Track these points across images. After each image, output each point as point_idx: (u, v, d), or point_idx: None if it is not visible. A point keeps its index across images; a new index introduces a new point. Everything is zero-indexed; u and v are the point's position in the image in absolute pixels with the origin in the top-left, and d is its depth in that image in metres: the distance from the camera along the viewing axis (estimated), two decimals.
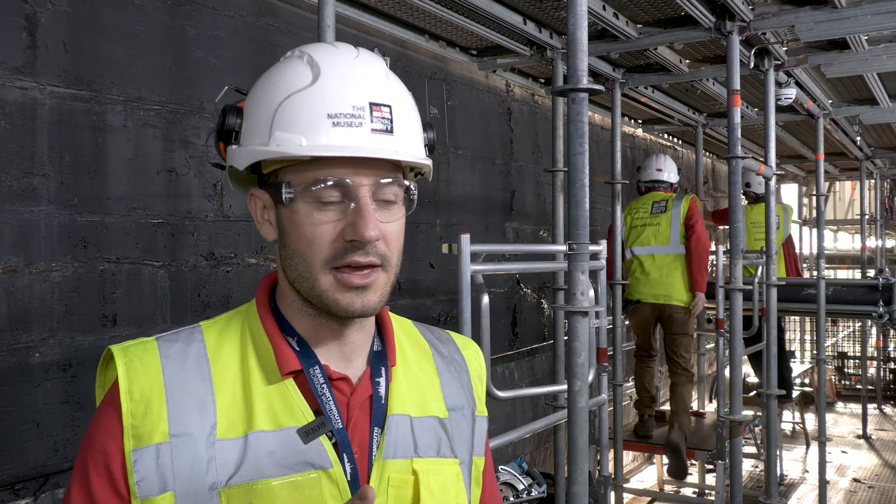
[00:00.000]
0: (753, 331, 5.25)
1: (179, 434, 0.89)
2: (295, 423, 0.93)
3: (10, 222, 2.23)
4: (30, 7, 2.27)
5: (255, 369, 0.95)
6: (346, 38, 3.42)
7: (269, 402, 0.93)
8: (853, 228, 12.96)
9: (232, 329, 0.99)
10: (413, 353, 1.09)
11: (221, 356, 0.96)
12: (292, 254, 0.95)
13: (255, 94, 0.97)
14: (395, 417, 0.99)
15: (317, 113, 0.91)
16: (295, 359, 0.96)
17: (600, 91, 1.94)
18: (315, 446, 0.92)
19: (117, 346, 0.95)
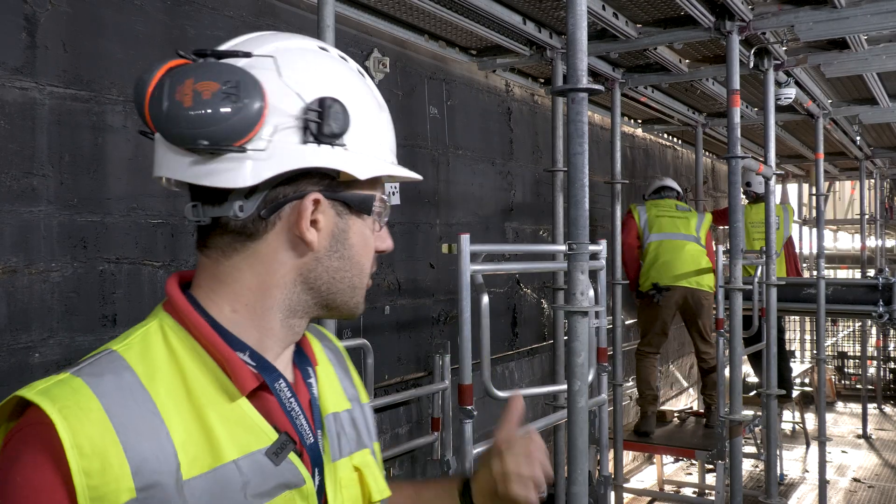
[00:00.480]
0: (753, 331, 5.25)
1: (148, 486, 0.77)
2: (260, 445, 0.85)
3: (10, 222, 2.23)
4: (29, 7, 2.27)
5: (202, 392, 0.85)
6: (346, 37, 3.42)
7: (229, 426, 0.84)
8: (853, 228, 12.96)
9: (155, 349, 0.86)
10: (316, 348, 1.06)
11: (158, 383, 0.83)
12: (351, 265, 0.94)
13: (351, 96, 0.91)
14: (330, 417, 0.97)
15: (390, 138, 0.98)
16: (253, 375, 0.88)
17: (600, 91, 1.94)
18: (287, 465, 0.87)
19: (32, 391, 0.78)
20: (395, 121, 1.02)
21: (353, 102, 0.90)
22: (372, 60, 3.57)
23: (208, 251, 0.91)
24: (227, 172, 0.85)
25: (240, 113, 0.82)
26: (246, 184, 0.85)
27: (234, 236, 0.89)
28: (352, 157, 0.89)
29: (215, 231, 0.90)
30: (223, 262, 0.91)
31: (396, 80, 3.74)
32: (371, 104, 0.94)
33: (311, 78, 0.89)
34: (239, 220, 0.88)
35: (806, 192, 10.55)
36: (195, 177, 0.86)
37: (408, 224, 3.86)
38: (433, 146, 4.03)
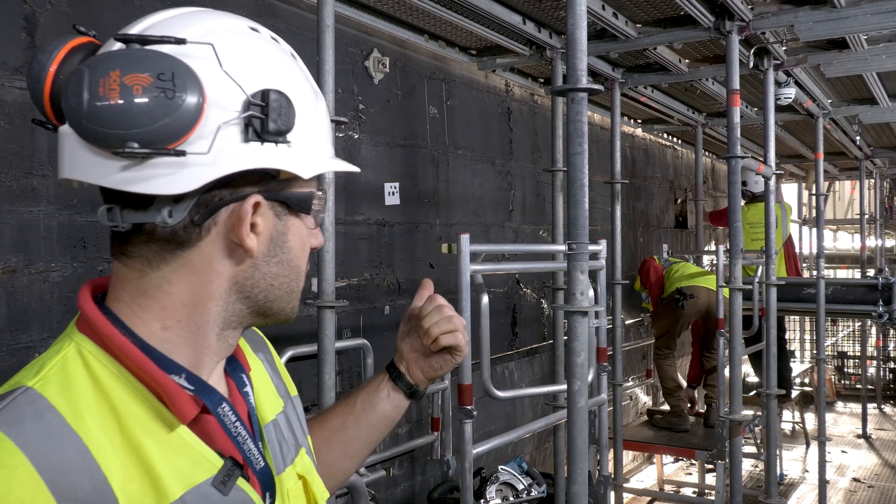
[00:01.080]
0: (753, 331, 5.26)
1: None
2: (205, 475, 0.77)
3: (10, 222, 2.23)
4: (29, 7, 2.27)
5: (137, 423, 0.75)
6: (346, 37, 3.42)
7: (170, 459, 0.76)
8: (853, 228, 12.96)
9: (77, 381, 0.75)
10: (244, 347, 0.97)
11: (87, 421, 0.73)
12: (290, 270, 0.86)
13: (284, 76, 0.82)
14: (269, 426, 0.91)
15: (328, 128, 0.90)
16: (192, 401, 0.79)
17: (600, 91, 1.94)
18: (236, 494, 0.80)
19: None
20: (396, 121, 1.02)
21: (294, 92, 0.81)
22: (372, 60, 3.57)
23: (129, 261, 0.81)
24: (160, 178, 0.74)
25: (177, 111, 0.72)
26: (182, 190, 0.75)
27: (162, 244, 0.79)
28: (295, 155, 0.81)
29: (137, 238, 0.80)
30: (150, 274, 0.80)
31: (396, 80, 3.74)
32: (308, 92, 0.85)
33: (251, 67, 0.79)
34: (167, 228, 0.78)
35: (806, 192, 10.54)
36: (120, 183, 0.75)
37: (408, 224, 3.86)
38: (433, 146, 4.03)
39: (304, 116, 0.83)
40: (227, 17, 0.83)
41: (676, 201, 7.53)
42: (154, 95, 0.71)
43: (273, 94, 0.78)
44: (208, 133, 0.75)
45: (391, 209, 3.71)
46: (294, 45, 0.90)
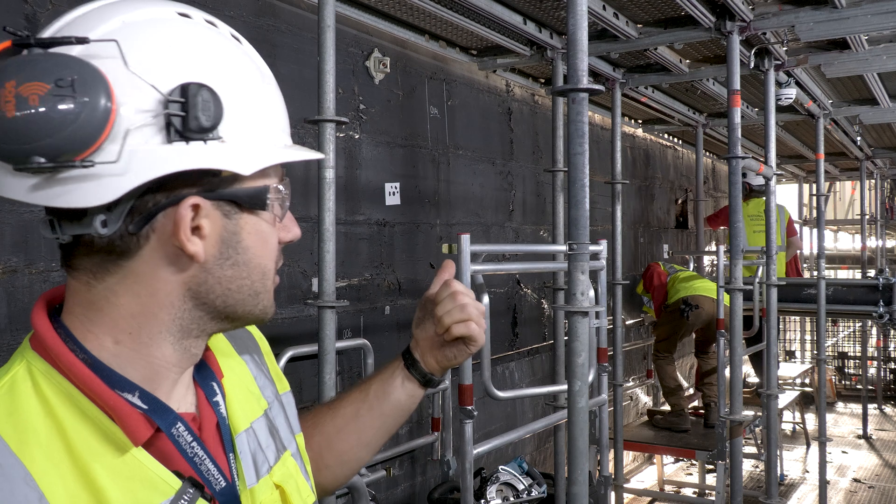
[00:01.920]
0: (754, 331, 5.26)
1: None
2: (163, 497, 0.73)
3: (10, 222, 2.23)
4: (30, 7, 2.27)
5: (86, 447, 0.71)
6: (346, 37, 3.42)
7: (122, 483, 0.72)
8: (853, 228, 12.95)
9: (24, 402, 0.72)
10: (220, 349, 0.93)
11: (32, 446, 0.69)
12: (250, 270, 0.80)
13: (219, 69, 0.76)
14: (242, 436, 0.86)
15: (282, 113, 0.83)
16: (145, 421, 0.75)
17: (600, 91, 1.94)
18: None
19: None
20: (396, 121, 1.00)
21: (228, 81, 0.75)
22: (372, 60, 3.57)
23: (77, 273, 0.78)
24: (76, 192, 0.69)
25: (78, 119, 0.65)
26: (102, 202, 0.69)
27: (104, 256, 0.75)
28: (231, 151, 0.74)
29: (79, 250, 0.76)
30: (95, 286, 0.77)
31: (397, 80, 3.74)
32: (251, 78, 0.79)
33: (168, 60, 0.72)
34: (104, 238, 0.73)
35: (806, 193, 10.54)
36: (39, 199, 0.70)
37: (408, 224, 3.86)
38: (433, 146, 4.03)
39: (242, 105, 0.76)
40: (147, 6, 0.75)
41: (677, 202, 7.53)
42: (53, 105, 0.65)
43: (193, 88, 0.71)
44: (119, 138, 0.69)
45: (392, 209, 3.71)
46: (294, 45, 0.90)
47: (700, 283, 5.50)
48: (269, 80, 0.82)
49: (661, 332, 5.62)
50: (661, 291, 5.76)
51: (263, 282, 0.82)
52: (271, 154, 0.78)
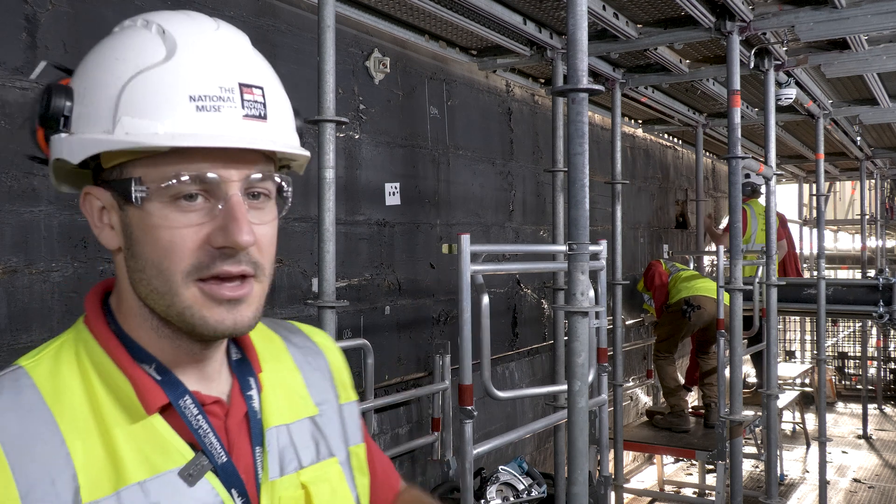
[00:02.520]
0: (754, 331, 5.26)
1: None
2: (173, 464, 0.79)
3: (10, 222, 2.23)
4: (30, 7, 2.27)
5: (110, 410, 0.79)
6: (346, 37, 3.42)
7: (138, 445, 0.78)
8: (853, 228, 12.95)
9: (65, 364, 0.81)
10: (270, 351, 0.96)
11: (63, 401, 0.78)
12: (145, 265, 0.79)
13: (90, 71, 0.81)
14: (273, 431, 0.89)
15: (176, 94, 0.76)
16: (160, 391, 0.81)
17: (600, 91, 1.94)
18: (203, 487, 0.79)
19: None
20: (396, 121, 0.99)
21: (96, 71, 0.80)
22: (372, 60, 3.57)
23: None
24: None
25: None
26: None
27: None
28: (72, 142, 0.78)
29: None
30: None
31: (397, 80, 3.74)
32: (131, 64, 0.78)
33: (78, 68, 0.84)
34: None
35: (806, 193, 10.55)
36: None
37: (408, 224, 3.86)
38: (433, 146, 4.03)
39: (96, 96, 0.79)
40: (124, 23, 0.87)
41: (677, 202, 7.53)
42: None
43: (51, 86, 0.81)
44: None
45: (392, 209, 3.71)
46: (294, 45, 0.90)
47: (702, 283, 5.50)
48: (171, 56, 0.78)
49: (662, 332, 5.62)
50: (663, 291, 5.75)
51: (163, 281, 0.78)
52: (105, 140, 0.77)
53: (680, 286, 5.55)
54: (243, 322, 0.81)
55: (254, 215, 0.81)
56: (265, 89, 0.81)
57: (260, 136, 0.79)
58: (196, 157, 0.77)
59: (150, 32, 0.80)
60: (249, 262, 0.80)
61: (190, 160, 0.77)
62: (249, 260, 0.80)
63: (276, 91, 0.83)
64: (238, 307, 0.80)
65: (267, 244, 0.83)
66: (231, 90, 0.78)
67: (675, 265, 5.93)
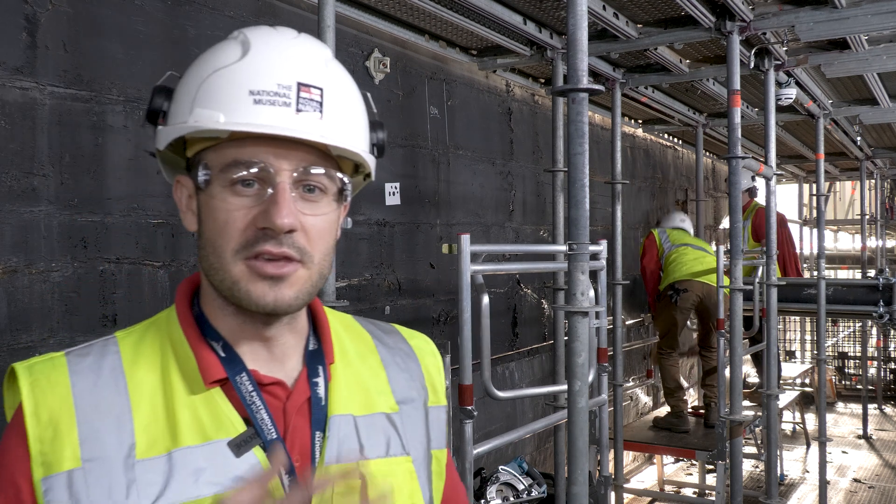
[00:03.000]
0: (754, 331, 5.26)
1: (93, 458, 0.81)
2: (224, 435, 0.85)
3: (10, 222, 2.23)
4: (30, 7, 2.27)
5: (177, 380, 0.88)
6: (346, 37, 3.42)
7: (195, 414, 0.86)
8: (853, 228, 12.95)
9: (150, 338, 0.91)
10: (354, 347, 1.02)
11: (138, 368, 0.88)
12: (206, 243, 0.88)
13: (186, 74, 0.91)
14: (336, 419, 0.93)
15: (239, 89, 0.85)
16: (219, 365, 0.89)
17: (600, 91, 1.94)
18: (248, 459, 0.85)
19: (22, 363, 0.86)
20: (396, 121, 1.00)
21: (188, 73, 0.90)
22: (372, 60, 3.57)
23: None
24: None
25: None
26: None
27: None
28: (162, 132, 0.89)
29: None
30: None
31: (397, 80, 3.74)
32: (211, 64, 0.88)
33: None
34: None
35: (806, 193, 10.55)
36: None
37: (408, 224, 3.86)
38: (433, 146, 4.03)
39: (183, 92, 0.88)
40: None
41: (677, 202, 7.53)
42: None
43: (157, 87, 0.91)
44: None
45: (392, 209, 3.71)
46: None
47: (691, 265, 5.34)
48: (246, 54, 0.87)
49: (660, 326, 5.53)
50: (653, 277, 5.58)
51: (217, 257, 0.87)
52: (180, 127, 0.87)
53: (669, 270, 5.41)
54: (283, 300, 0.87)
55: (305, 206, 0.88)
56: (325, 91, 0.87)
57: (309, 130, 0.85)
58: (254, 146, 0.85)
59: (235, 41, 0.90)
60: (293, 245, 0.86)
61: (249, 148, 0.85)
62: (293, 244, 0.86)
63: (340, 96, 0.89)
64: (279, 285, 0.86)
65: (317, 235, 0.89)
66: (288, 87, 0.85)
67: (678, 237, 5.63)
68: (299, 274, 0.87)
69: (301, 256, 0.87)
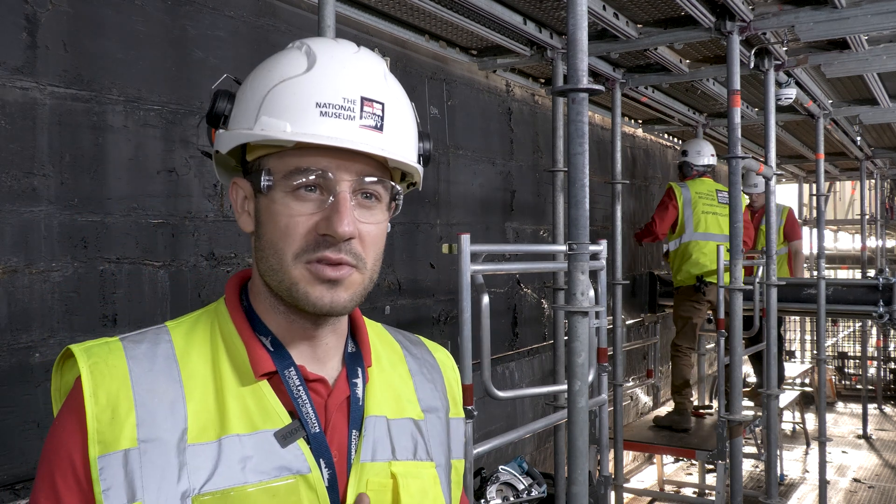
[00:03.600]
0: (754, 331, 5.25)
1: (149, 439, 0.84)
2: (271, 426, 0.89)
3: (10, 222, 2.23)
4: (30, 7, 2.27)
5: (227, 371, 0.92)
6: (346, 37, 3.40)
7: (244, 404, 0.90)
8: (853, 228, 12.96)
9: (200, 329, 0.95)
10: (386, 354, 1.06)
11: (191, 357, 0.92)
12: (265, 245, 0.92)
13: (249, 80, 0.95)
14: (372, 419, 0.97)
15: (306, 100, 0.88)
16: (269, 359, 0.93)
17: (600, 91, 1.94)
18: (293, 450, 0.89)
19: (78, 345, 0.90)
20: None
21: (252, 80, 0.93)
22: None
23: None
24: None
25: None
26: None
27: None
28: (225, 136, 0.93)
29: None
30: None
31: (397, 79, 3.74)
32: (265, 78, 0.92)
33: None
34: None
35: (806, 193, 10.55)
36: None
37: (408, 224, 3.86)
38: (434, 146, 4.02)
39: (251, 97, 0.92)
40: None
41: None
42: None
43: (219, 91, 0.94)
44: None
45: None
46: None
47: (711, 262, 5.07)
48: (311, 68, 0.91)
49: (678, 320, 5.30)
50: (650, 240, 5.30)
51: (277, 259, 0.91)
52: (244, 134, 0.91)
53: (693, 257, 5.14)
54: (339, 302, 0.91)
55: (362, 214, 0.92)
56: (386, 105, 0.92)
57: (372, 143, 0.89)
58: (317, 155, 0.89)
59: (299, 52, 0.93)
60: (350, 252, 0.90)
61: (312, 157, 0.89)
62: (350, 250, 0.90)
63: (398, 110, 0.94)
64: (336, 288, 0.91)
65: (371, 242, 0.93)
66: (353, 101, 0.89)
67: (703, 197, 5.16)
68: (354, 278, 0.92)
69: (356, 262, 0.91)
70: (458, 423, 1.09)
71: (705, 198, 5.25)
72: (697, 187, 5.27)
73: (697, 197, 5.23)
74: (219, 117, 0.94)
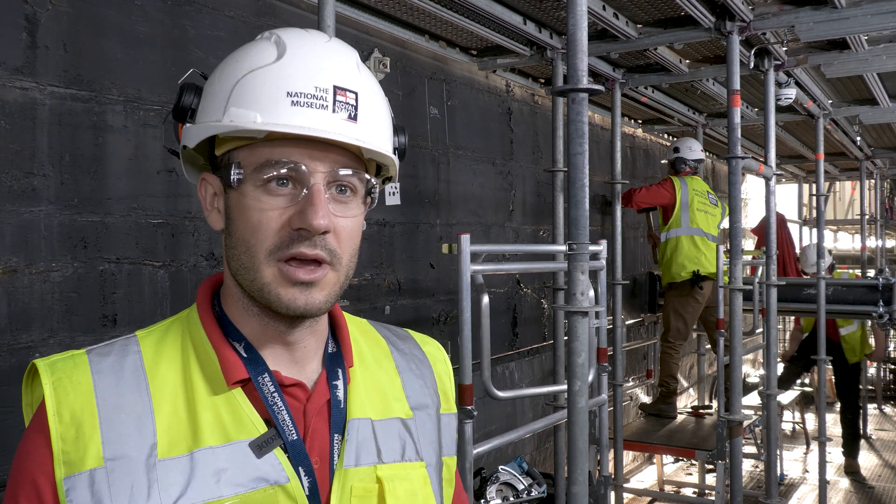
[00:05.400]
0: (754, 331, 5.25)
1: (115, 457, 0.81)
2: (246, 436, 0.86)
3: (10, 222, 2.23)
4: (30, 7, 2.27)
5: (198, 380, 0.88)
6: (346, 37, 3.42)
7: (217, 414, 0.86)
8: (853, 228, 12.95)
9: (171, 337, 0.91)
10: (371, 352, 1.03)
11: (160, 368, 0.88)
12: (236, 242, 0.88)
13: (217, 72, 0.91)
14: (355, 422, 0.93)
15: (276, 90, 0.85)
16: (241, 366, 0.89)
17: (600, 91, 1.94)
18: (269, 460, 0.85)
19: (43, 360, 0.86)
20: (396, 121, 1.00)
21: (220, 72, 0.90)
22: (372, 60, 3.56)
23: None
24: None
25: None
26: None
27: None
28: (192, 129, 0.89)
29: None
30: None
31: (397, 80, 3.74)
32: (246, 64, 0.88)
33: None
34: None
35: (806, 193, 10.55)
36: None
37: (408, 224, 3.86)
38: (433, 146, 4.03)
39: (216, 91, 0.88)
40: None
41: None
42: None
43: (184, 84, 0.91)
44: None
45: (392, 209, 3.71)
46: None
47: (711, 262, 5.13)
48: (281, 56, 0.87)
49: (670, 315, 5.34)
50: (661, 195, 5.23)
51: (249, 256, 0.87)
52: (211, 126, 0.87)
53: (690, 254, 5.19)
54: (314, 304, 0.87)
55: (337, 208, 0.88)
56: (359, 95, 0.89)
57: (346, 132, 0.86)
58: (287, 146, 0.85)
59: (269, 42, 0.90)
60: (325, 248, 0.87)
61: (284, 149, 0.85)
62: (325, 246, 0.87)
63: (371, 100, 0.91)
64: (310, 290, 0.87)
65: (346, 237, 0.90)
66: (326, 91, 0.86)
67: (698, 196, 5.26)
68: (329, 277, 0.88)
69: (331, 258, 0.88)
70: (449, 419, 1.05)
71: (700, 196, 5.37)
72: (694, 185, 5.39)
73: (694, 194, 5.34)
74: (185, 111, 0.90)
